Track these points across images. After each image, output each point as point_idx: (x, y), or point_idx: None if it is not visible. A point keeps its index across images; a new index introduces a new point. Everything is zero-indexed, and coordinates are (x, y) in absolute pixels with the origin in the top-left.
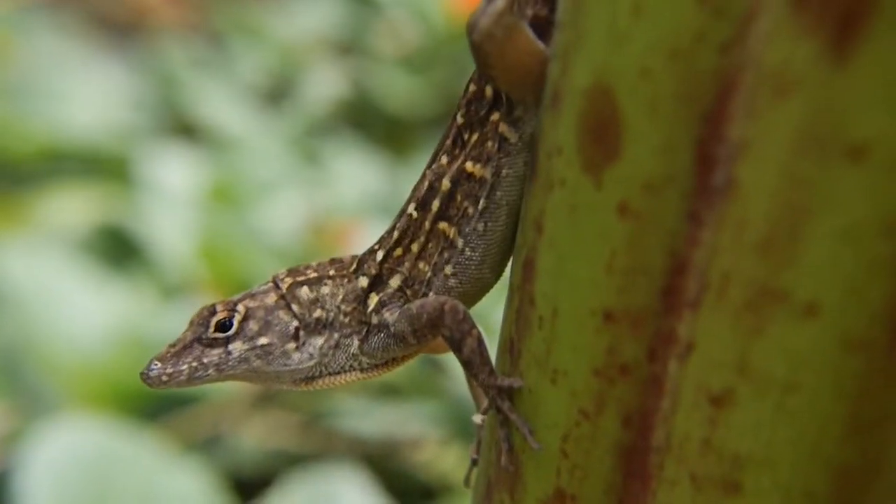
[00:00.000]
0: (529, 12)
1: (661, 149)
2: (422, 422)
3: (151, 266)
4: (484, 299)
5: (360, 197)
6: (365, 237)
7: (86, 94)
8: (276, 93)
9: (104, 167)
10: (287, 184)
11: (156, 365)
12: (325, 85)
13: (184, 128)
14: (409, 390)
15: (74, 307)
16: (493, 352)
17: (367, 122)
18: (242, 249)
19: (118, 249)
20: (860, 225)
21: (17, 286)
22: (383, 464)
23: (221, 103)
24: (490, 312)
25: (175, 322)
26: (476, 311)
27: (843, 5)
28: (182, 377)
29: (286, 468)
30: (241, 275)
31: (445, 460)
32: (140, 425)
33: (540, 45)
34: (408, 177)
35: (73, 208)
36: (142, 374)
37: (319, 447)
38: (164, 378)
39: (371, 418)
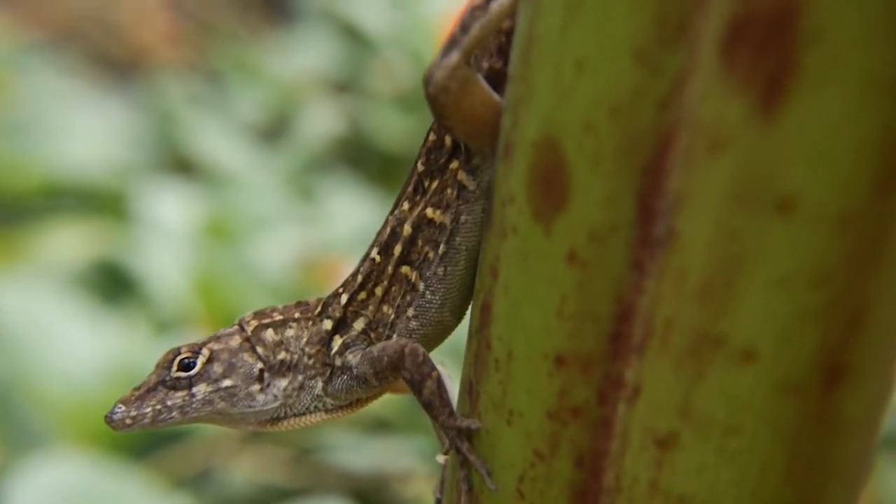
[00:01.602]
0: (485, 65)
1: (606, 200)
2: (412, 456)
3: (146, 301)
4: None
5: (354, 234)
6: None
7: (84, 131)
8: (273, 130)
9: (101, 203)
10: (282, 220)
11: (120, 408)
12: (320, 122)
13: (181, 164)
14: (400, 425)
15: (67, 342)
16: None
17: (362, 159)
18: (237, 285)
19: (113, 285)
20: (791, 276)
21: (11, 321)
22: (373, 498)
23: (218, 140)
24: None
25: None
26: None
27: (769, 67)
28: (146, 420)
29: (276, 503)
30: (236, 310)
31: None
32: (130, 461)
33: (495, 96)
34: None
35: (69, 244)
36: (106, 416)
37: (309, 482)
38: (128, 421)
39: (361, 453)
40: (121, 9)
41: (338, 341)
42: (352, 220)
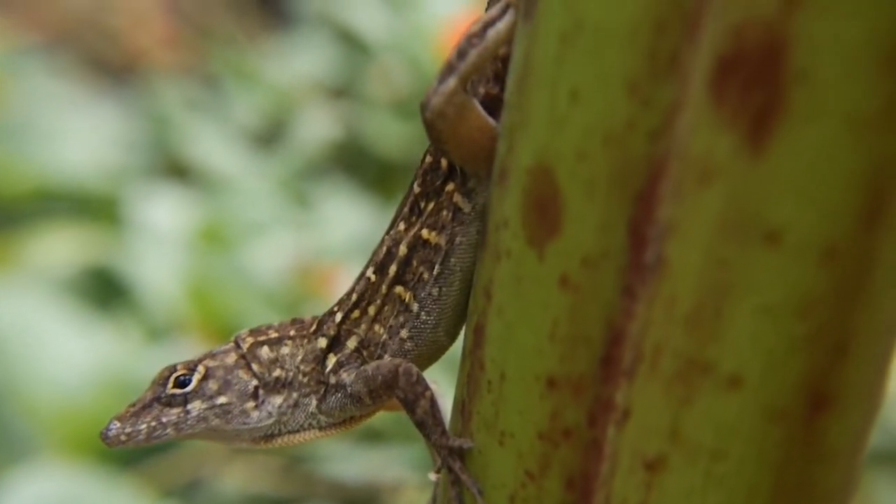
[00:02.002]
0: (481, 90)
1: (598, 227)
2: (403, 466)
3: (138, 307)
4: None
5: (349, 240)
6: (351, 282)
7: (78, 135)
8: (269, 135)
9: (94, 208)
10: (277, 225)
11: (115, 424)
12: (317, 128)
13: (176, 169)
14: (391, 434)
15: (58, 349)
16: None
17: (358, 165)
18: (230, 292)
19: (105, 290)
20: (777, 305)
21: (1, 326)
22: None
23: (214, 145)
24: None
25: (159, 365)
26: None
27: (757, 103)
28: (140, 436)
29: None
30: (229, 317)
31: None
32: (119, 471)
33: (490, 121)
34: None
35: (61, 248)
36: (101, 433)
37: (300, 491)
38: (123, 437)
39: (352, 463)
40: (117, 12)
41: (332, 359)
42: (347, 226)
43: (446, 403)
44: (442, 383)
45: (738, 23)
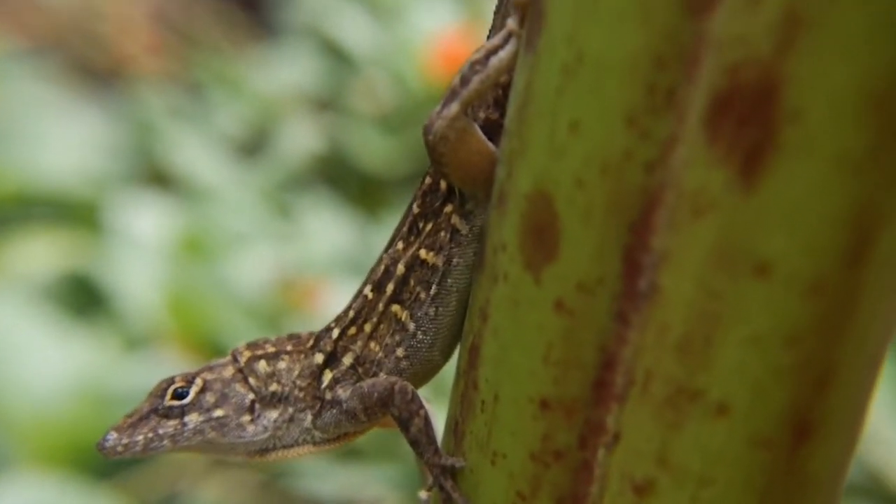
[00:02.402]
0: (482, 115)
1: (594, 253)
2: (381, 485)
3: (117, 316)
4: None
5: (330, 253)
6: (333, 296)
7: (62, 140)
8: (252, 145)
9: (76, 214)
10: (258, 237)
11: (112, 435)
12: (300, 139)
13: (158, 176)
14: (371, 452)
15: (34, 358)
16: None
17: (341, 178)
18: (210, 303)
19: (84, 298)
20: (765, 335)
21: None
22: None
23: (197, 153)
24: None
25: (137, 376)
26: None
27: (750, 139)
28: (137, 448)
29: None
30: (208, 328)
31: None
32: (96, 482)
33: (490, 146)
34: (379, 235)
35: (41, 254)
36: (98, 443)
37: None
38: (120, 448)
39: (331, 480)
40: (105, 19)
41: (328, 375)
42: (329, 239)
43: (438, 424)
44: (433, 402)
45: (734, 62)
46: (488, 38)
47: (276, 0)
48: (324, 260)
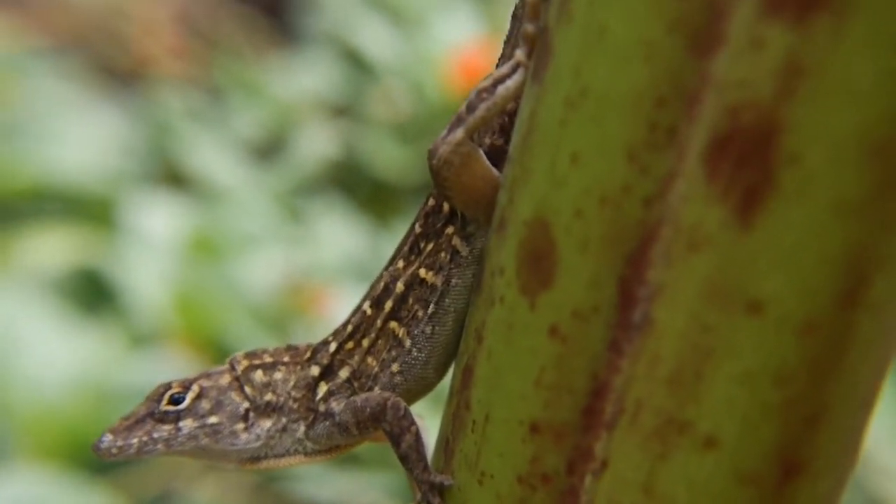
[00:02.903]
0: (487, 141)
1: (590, 282)
2: (377, 492)
3: (124, 313)
4: None
5: (340, 259)
6: (340, 301)
7: (80, 137)
8: (268, 149)
9: (89, 210)
10: (269, 240)
11: (107, 437)
12: (316, 145)
13: (173, 177)
14: (367, 459)
15: (41, 350)
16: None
17: (354, 184)
18: (218, 304)
19: (93, 293)
20: (756, 372)
21: None
22: None
23: (212, 155)
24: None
25: (141, 374)
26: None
27: (748, 180)
28: (131, 450)
29: None
30: (214, 329)
31: None
32: (93, 478)
33: (494, 172)
34: (389, 242)
35: (53, 249)
36: (93, 445)
37: None
38: (114, 451)
39: (326, 485)
40: (129, 19)
41: (323, 388)
42: (339, 245)
43: (430, 439)
44: (427, 419)
45: (735, 104)
46: (497, 66)
47: (299, 7)
48: (333, 265)
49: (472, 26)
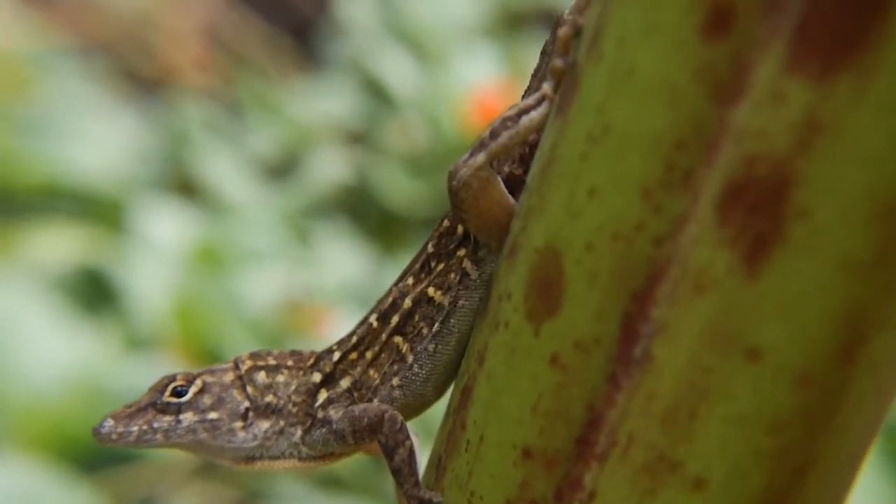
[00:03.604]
0: (506, 169)
1: (595, 315)
2: None
3: (124, 315)
4: None
5: (342, 284)
6: (338, 325)
7: (97, 138)
8: (281, 168)
9: (99, 211)
10: (274, 257)
11: (108, 422)
12: (329, 169)
13: (185, 186)
14: (351, 483)
15: (38, 345)
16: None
17: (363, 212)
18: (217, 315)
19: (94, 293)
20: (749, 418)
21: None
22: None
23: (226, 168)
24: None
25: (134, 377)
26: None
27: (758, 229)
28: (131, 438)
29: None
30: (211, 339)
31: None
32: (79, 475)
33: (510, 199)
34: (392, 272)
35: (60, 246)
36: (94, 429)
37: None
38: (114, 436)
39: None
40: (157, 28)
41: (323, 395)
42: (342, 269)
43: (422, 457)
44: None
45: (752, 154)
46: (523, 97)
47: (325, 32)
48: (334, 289)
49: (494, 68)
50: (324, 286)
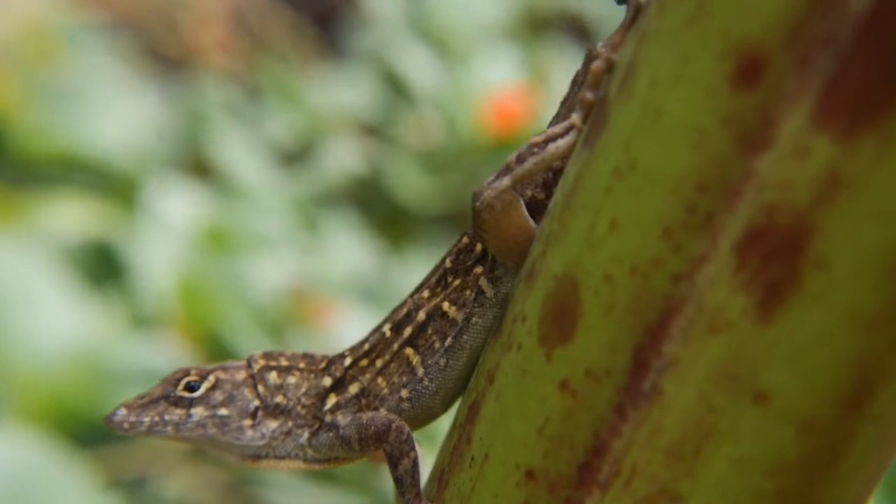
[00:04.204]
0: (529, 193)
1: (608, 345)
2: None
3: (130, 292)
4: None
5: (346, 274)
6: (340, 316)
7: (117, 113)
8: (296, 155)
9: (113, 185)
10: (281, 244)
11: (121, 411)
12: (342, 159)
13: (199, 166)
14: (342, 479)
15: (44, 316)
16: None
17: (373, 204)
18: (221, 298)
19: (103, 267)
20: (753, 458)
21: None
22: None
23: (241, 152)
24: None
25: (137, 355)
26: None
27: (774, 276)
28: (142, 428)
29: None
30: (213, 322)
31: None
32: (75, 449)
33: (531, 223)
34: (398, 267)
35: (72, 217)
36: (106, 417)
37: None
38: (126, 425)
39: (297, 496)
40: (185, 8)
41: (332, 399)
42: (347, 260)
43: (425, 468)
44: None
45: (773, 203)
46: (551, 124)
47: (349, 23)
48: (338, 279)
49: (514, 71)
50: (328, 276)
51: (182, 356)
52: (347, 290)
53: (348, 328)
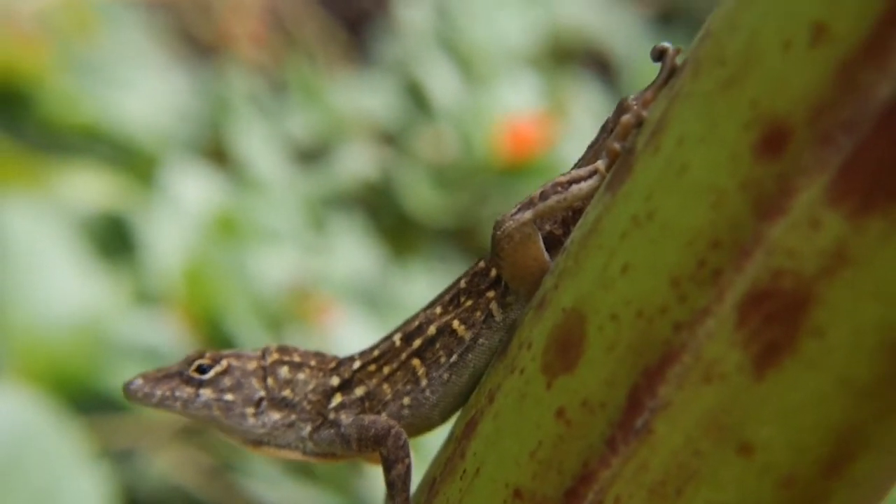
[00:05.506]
0: (547, 227)
1: (607, 380)
2: None
3: (138, 268)
4: None
5: (349, 278)
6: (340, 319)
7: (144, 92)
8: (312, 154)
9: (133, 161)
10: (288, 240)
11: (139, 381)
12: (357, 163)
13: (217, 153)
14: (321, 475)
15: (53, 281)
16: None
17: (382, 212)
18: (225, 285)
19: (114, 241)
20: None
21: (8, 244)
22: None
23: (259, 144)
24: None
25: (138, 330)
26: None
27: (772, 337)
28: (154, 399)
29: None
30: (214, 308)
31: None
32: (68, 413)
33: (546, 256)
34: (399, 276)
35: (90, 189)
36: (125, 384)
37: (218, 498)
38: (140, 395)
39: (277, 488)
40: None
41: (338, 398)
42: (351, 263)
43: (417, 475)
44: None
45: (780, 269)
46: (576, 165)
47: (379, 32)
48: (340, 281)
49: (534, 99)
50: (330, 276)
51: (181, 337)
52: (348, 292)
53: (345, 330)
